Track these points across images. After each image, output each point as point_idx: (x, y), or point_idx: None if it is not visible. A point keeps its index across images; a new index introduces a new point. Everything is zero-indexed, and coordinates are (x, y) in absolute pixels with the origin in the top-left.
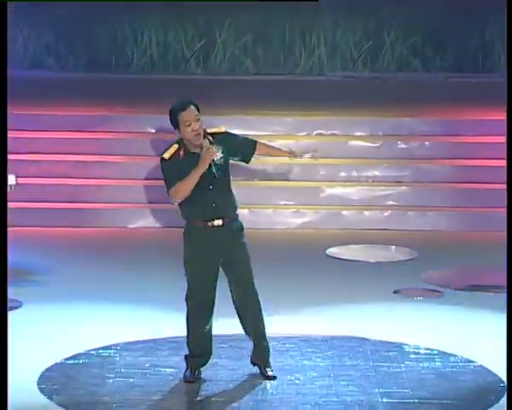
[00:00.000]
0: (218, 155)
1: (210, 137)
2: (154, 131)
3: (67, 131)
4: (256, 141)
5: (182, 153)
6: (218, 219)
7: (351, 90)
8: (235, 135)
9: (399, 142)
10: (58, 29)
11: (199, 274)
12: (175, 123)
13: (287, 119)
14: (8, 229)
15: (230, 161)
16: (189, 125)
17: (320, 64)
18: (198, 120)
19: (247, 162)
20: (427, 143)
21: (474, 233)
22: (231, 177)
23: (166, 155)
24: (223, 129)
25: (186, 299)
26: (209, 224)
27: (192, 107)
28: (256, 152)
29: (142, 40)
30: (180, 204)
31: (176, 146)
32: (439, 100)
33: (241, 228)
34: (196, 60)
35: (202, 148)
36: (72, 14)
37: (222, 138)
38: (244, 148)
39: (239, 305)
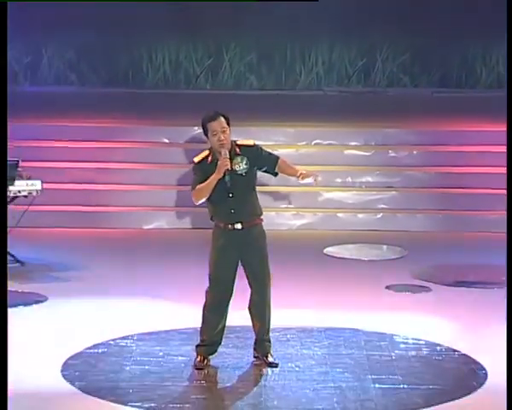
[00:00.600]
0: (240, 167)
1: (237, 149)
2: (167, 141)
3: (89, 140)
4: (278, 157)
5: (210, 159)
6: (237, 223)
7: (346, 103)
8: (261, 149)
9: (390, 151)
10: (80, 48)
11: (219, 271)
12: (205, 131)
13: (288, 129)
14: (35, 229)
15: (258, 173)
16: (216, 134)
17: (318, 80)
18: (224, 131)
19: (275, 176)
20: (414, 151)
21: (459, 234)
22: (256, 187)
23: (196, 159)
24: (251, 142)
25: (206, 292)
26: (229, 226)
27: (221, 118)
28: (279, 167)
29: (156, 58)
30: (208, 208)
31: (206, 152)
32: (425, 113)
33: (262, 234)
34: (205, 76)
35: (223, 162)
36: (92, 34)
37: (249, 151)
38: (268, 161)
39: (252, 301)
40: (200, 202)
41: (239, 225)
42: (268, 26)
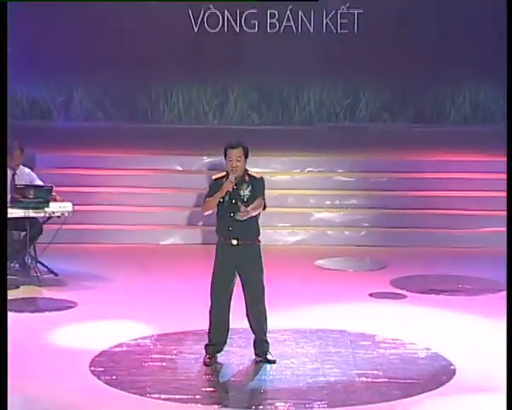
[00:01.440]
0: (244, 192)
1: (247, 177)
2: (180, 168)
3: (112, 168)
4: (264, 201)
5: (224, 179)
6: (233, 239)
7: (334, 137)
8: (263, 186)
9: (371, 177)
10: (105, 89)
11: (218, 280)
12: (224, 155)
13: (284, 158)
14: (67, 245)
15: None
16: (231, 160)
17: (310, 117)
18: (239, 160)
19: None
20: (393, 178)
21: (430, 248)
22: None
23: (214, 177)
24: (259, 176)
25: (210, 299)
26: (227, 241)
27: (240, 149)
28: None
29: (171, 98)
30: (216, 223)
31: (223, 173)
32: (403, 145)
33: (257, 252)
34: (213, 113)
35: (228, 184)
36: (116, 77)
37: (255, 181)
38: (259, 196)
39: (246, 310)
40: (207, 213)
41: (235, 241)
42: (267, 70)
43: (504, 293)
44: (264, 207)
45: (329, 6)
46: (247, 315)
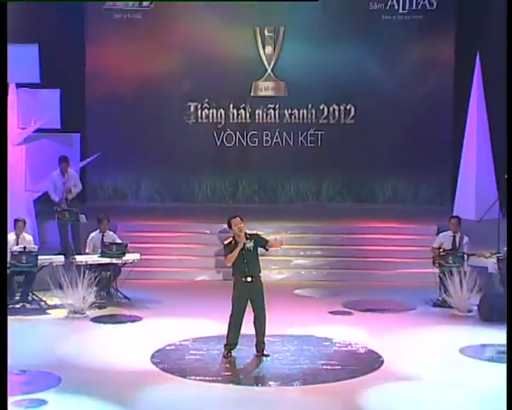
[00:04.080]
0: (249, 245)
1: (248, 235)
2: (208, 232)
3: (164, 231)
4: (268, 240)
5: (233, 241)
6: (248, 277)
7: (306, 211)
8: (260, 236)
9: (330, 237)
10: (161, 180)
11: (237, 305)
12: (229, 225)
13: (273, 225)
14: (136, 281)
15: (259, 249)
16: (236, 225)
17: (291, 199)
18: (241, 224)
19: (267, 250)
20: (343, 238)
21: (368, 282)
22: (259, 256)
23: (226, 242)
24: (255, 232)
25: (230, 316)
26: (243, 279)
27: (238, 218)
28: (268, 244)
29: (200, 186)
30: (232, 268)
31: (232, 238)
32: (350, 216)
33: (262, 284)
34: (229, 197)
35: (241, 239)
36: (167, 173)
37: (254, 237)
38: (263, 242)
39: (255, 319)
40: (230, 264)
41: (249, 279)
42: (263, 170)
43: (414, 311)
44: (267, 241)
45: (302, 129)
46: (254, 323)
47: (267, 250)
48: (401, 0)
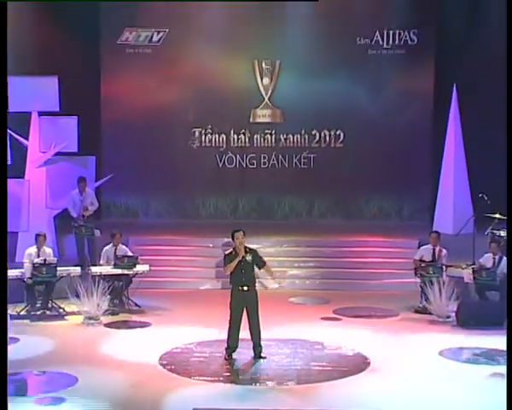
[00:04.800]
0: (247, 257)
1: (247, 249)
2: (211, 245)
3: (173, 245)
4: (266, 262)
5: (234, 252)
6: (245, 286)
7: (299, 227)
8: (258, 253)
9: (321, 250)
10: (168, 201)
11: (234, 311)
12: (232, 238)
13: (271, 238)
14: (146, 290)
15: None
16: (238, 239)
17: (286, 215)
18: (243, 238)
19: (260, 269)
20: (334, 250)
21: (357, 292)
22: (255, 269)
23: (226, 252)
24: (255, 247)
25: (229, 322)
26: (240, 288)
27: (241, 232)
28: (264, 266)
29: (204, 205)
30: (230, 278)
31: (231, 249)
32: (339, 231)
33: (257, 293)
34: (230, 213)
35: (240, 252)
36: (173, 195)
37: (253, 251)
38: (260, 261)
39: (251, 325)
40: (228, 273)
41: (246, 288)
42: (261, 189)
43: (398, 317)
44: (265, 263)
45: (296, 152)
46: (250, 330)
47: (260, 269)
48: (385, 36)
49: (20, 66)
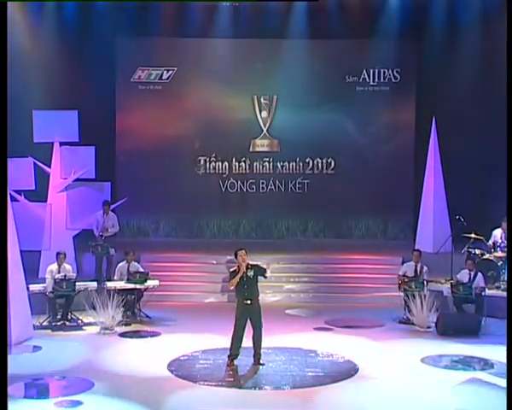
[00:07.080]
0: (249, 273)
1: (250, 266)
2: (215, 262)
3: (180, 262)
4: (266, 269)
5: (237, 269)
6: (248, 299)
7: (295, 245)
8: (259, 266)
9: (314, 266)
10: (177, 221)
11: (238, 322)
12: (235, 256)
13: (268, 256)
14: (156, 303)
15: (258, 276)
16: (241, 256)
17: (282, 235)
18: (245, 255)
19: (265, 278)
20: (325, 267)
21: (347, 304)
22: (258, 282)
23: (231, 269)
24: (256, 263)
25: (233, 331)
26: (244, 301)
27: (243, 250)
28: (266, 273)
29: (208, 225)
30: (235, 292)
31: (236, 267)
32: (331, 250)
33: (259, 305)
34: (232, 233)
35: (242, 269)
36: (181, 217)
37: (255, 267)
38: (262, 272)
39: (254, 334)
40: (233, 288)
41: (249, 301)
42: (260, 211)
43: (383, 327)
44: (265, 270)
45: (291, 178)
46: (253, 338)
47: (266, 278)
48: (371, 74)
49: (47, 101)
